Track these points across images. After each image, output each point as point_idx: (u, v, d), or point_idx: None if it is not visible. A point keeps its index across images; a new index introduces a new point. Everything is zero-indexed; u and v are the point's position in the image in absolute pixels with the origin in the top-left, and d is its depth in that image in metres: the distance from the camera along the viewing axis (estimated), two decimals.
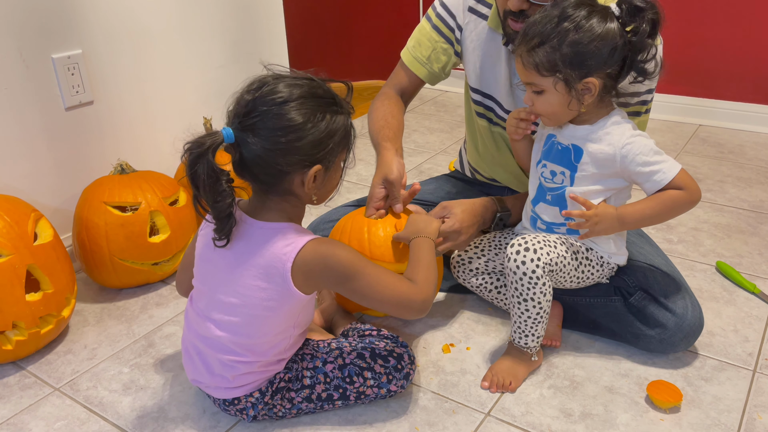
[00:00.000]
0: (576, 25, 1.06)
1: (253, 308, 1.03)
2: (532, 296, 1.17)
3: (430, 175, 2.16)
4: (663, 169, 1.12)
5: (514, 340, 1.24)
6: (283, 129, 0.95)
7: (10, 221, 1.29)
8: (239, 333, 1.05)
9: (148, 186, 1.53)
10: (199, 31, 1.87)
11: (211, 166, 0.94)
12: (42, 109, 1.55)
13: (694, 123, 2.66)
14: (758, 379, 1.24)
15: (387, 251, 1.26)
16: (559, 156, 1.20)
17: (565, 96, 1.11)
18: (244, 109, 0.96)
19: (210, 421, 1.17)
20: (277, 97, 0.95)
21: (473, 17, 1.39)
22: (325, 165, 1.00)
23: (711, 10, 2.48)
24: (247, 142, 0.96)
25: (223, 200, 0.96)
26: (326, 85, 1.01)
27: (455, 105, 2.96)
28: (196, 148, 0.93)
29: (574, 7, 1.07)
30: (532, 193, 1.28)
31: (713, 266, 1.63)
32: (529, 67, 1.10)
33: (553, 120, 1.17)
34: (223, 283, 1.05)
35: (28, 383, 1.29)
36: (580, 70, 1.08)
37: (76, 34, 1.58)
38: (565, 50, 1.06)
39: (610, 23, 1.07)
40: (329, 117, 0.98)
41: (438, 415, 1.17)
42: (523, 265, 1.15)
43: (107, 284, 1.58)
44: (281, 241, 1.01)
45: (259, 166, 0.97)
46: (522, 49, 1.11)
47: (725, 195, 2.02)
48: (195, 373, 1.13)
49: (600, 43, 1.06)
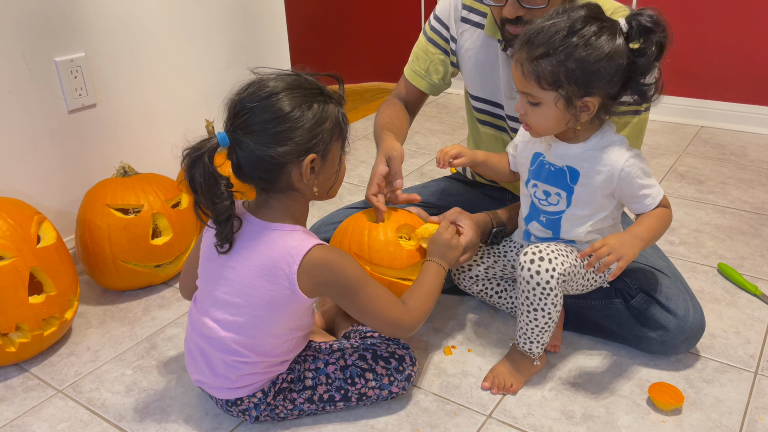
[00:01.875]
0: (585, 41, 1.00)
1: (257, 309, 1.04)
2: (543, 306, 1.15)
3: (432, 177, 2.16)
4: (653, 194, 1.13)
5: (518, 344, 1.24)
6: (272, 120, 0.97)
7: (13, 224, 1.29)
8: (243, 333, 1.06)
9: (150, 188, 1.53)
10: (201, 34, 1.88)
11: (208, 170, 0.96)
12: (45, 111, 1.55)
13: (696, 124, 2.66)
14: (759, 380, 1.24)
15: (386, 255, 1.26)
16: (553, 177, 1.17)
17: (562, 112, 1.06)
18: (234, 111, 0.99)
19: (212, 422, 1.17)
20: (263, 92, 0.98)
21: (467, 27, 1.40)
22: (320, 154, 1.01)
23: (713, 12, 2.48)
24: (240, 142, 0.98)
25: (221, 202, 0.98)
26: (313, 78, 1.03)
27: (457, 107, 2.96)
28: (193, 153, 0.96)
29: (584, 21, 1.01)
30: (524, 210, 1.26)
31: (715, 268, 1.63)
32: (530, 77, 1.04)
33: (541, 133, 1.13)
34: (227, 283, 1.05)
35: (31, 385, 1.29)
36: (583, 88, 1.03)
37: (78, 37, 1.58)
38: (571, 66, 1.01)
39: (618, 41, 1.02)
40: (317, 106, 1.00)
41: (439, 416, 1.17)
42: (537, 275, 1.12)
43: (110, 286, 1.59)
44: (288, 243, 1.02)
45: (255, 164, 0.99)
46: (523, 55, 1.04)
47: (727, 197, 2.02)
48: (198, 374, 1.13)
49: (606, 64, 1.01)
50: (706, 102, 2.64)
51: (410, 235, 1.31)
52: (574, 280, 1.18)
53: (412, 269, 1.29)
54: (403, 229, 1.31)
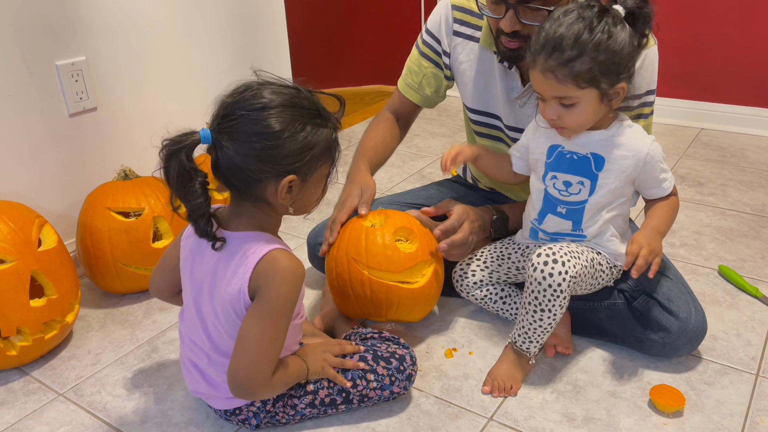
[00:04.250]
0: (608, 33, 1.05)
1: (228, 320, 1.02)
2: (551, 308, 1.16)
3: (432, 180, 2.16)
4: (669, 178, 1.20)
5: (516, 342, 1.24)
6: (258, 135, 0.93)
7: (14, 227, 1.29)
8: (225, 345, 1.04)
9: (151, 191, 1.53)
10: (202, 37, 1.88)
11: (183, 166, 0.93)
12: (46, 115, 1.56)
13: (696, 127, 2.67)
14: (761, 383, 1.24)
15: (383, 259, 1.26)
16: (576, 166, 1.19)
17: (598, 105, 1.11)
18: (223, 112, 0.95)
19: (213, 425, 1.17)
20: (257, 103, 0.94)
21: (459, 40, 1.40)
22: (301, 176, 0.97)
23: (712, 14, 2.49)
24: (222, 145, 0.94)
25: (194, 200, 0.95)
26: (313, 97, 0.99)
27: (457, 110, 2.96)
28: (171, 146, 0.93)
29: (598, 16, 1.06)
30: (537, 205, 1.26)
31: (715, 270, 1.63)
32: (566, 80, 1.07)
33: (578, 130, 1.16)
34: (204, 296, 1.04)
35: (32, 389, 1.29)
36: (615, 76, 1.08)
37: (79, 41, 1.59)
38: (602, 59, 1.05)
39: (627, 27, 1.08)
40: (309, 128, 0.96)
41: (441, 419, 1.17)
42: (550, 277, 1.13)
43: (111, 290, 1.59)
44: (250, 248, 0.99)
45: (231, 170, 0.96)
46: (553, 63, 1.07)
47: (727, 199, 2.02)
48: (195, 385, 1.13)
49: (628, 48, 1.07)
50: (706, 104, 2.64)
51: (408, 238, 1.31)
52: (584, 281, 1.19)
53: (410, 272, 1.29)
54: (400, 232, 1.31)
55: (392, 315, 1.32)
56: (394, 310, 1.30)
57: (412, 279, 1.30)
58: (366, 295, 1.28)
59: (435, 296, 1.35)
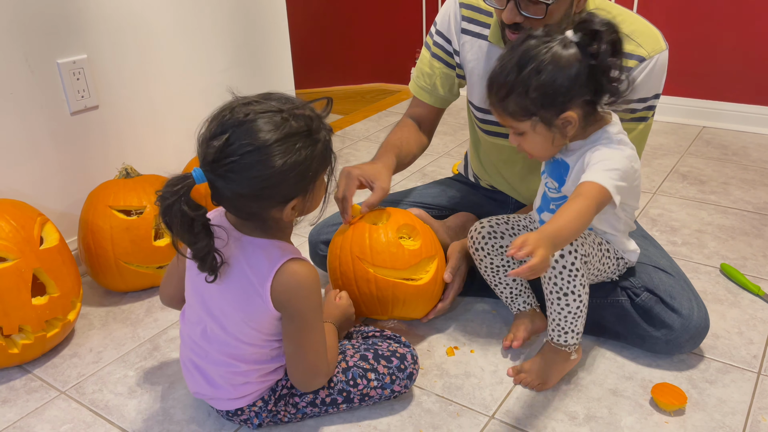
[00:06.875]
0: (536, 67, 1.04)
1: (235, 320, 1.03)
2: (573, 289, 1.15)
3: (434, 178, 2.16)
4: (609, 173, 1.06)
5: (553, 338, 1.22)
6: (259, 178, 0.92)
7: (16, 225, 1.29)
8: (226, 344, 1.05)
9: (152, 190, 1.53)
10: (204, 36, 1.88)
11: (184, 213, 0.91)
12: (47, 113, 1.56)
13: (698, 125, 2.66)
14: (763, 381, 1.24)
15: (388, 257, 1.26)
16: (554, 169, 1.21)
17: (547, 134, 1.11)
18: (213, 157, 0.91)
19: (215, 424, 1.18)
20: (253, 142, 0.91)
21: (467, 38, 1.40)
22: (303, 194, 0.98)
23: (715, 13, 2.48)
24: (217, 187, 0.94)
25: (199, 242, 0.95)
26: (299, 111, 0.95)
27: (459, 108, 2.96)
28: (169, 197, 0.91)
29: (532, 48, 1.05)
30: (537, 201, 1.29)
31: (717, 268, 1.62)
32: (505, 116, 1.12)
33: (542, 156, 1.18)
34: (211, 296, 1.05)
35: (34, 387, 1.30)
36: (554, 108, 1.07)
37: (81, 39, 1.59)
38: (533, 95, 1.06)
39: (570, 52, 1.04)
40: (304, 151, 0.94)
41: (442, 417, 1.17)
42: (562, 258, 1.13)
43: (112, 288, 1.59)
44: (265, 258, 1.00)
45: (231, 203, 0.98)
46: (492, 99, 1.12)
47: (729, 197, 2.02)
48: (196, 387, 1.13)
49: (564, 78, 1.05)
50: (708, 102, 2.64)
51: (410, 235, 1.31)
52: (592, 263, 1.19)
53: (415, 269, 1.29)
54: (403, 230, 1.31)
55: (398, 312, 1.32)
56: (400, 308, 1.31)
57: (417, 276, 1.30)
58: (372, 293, 1.28)
59: (439, 292, 1.35)
